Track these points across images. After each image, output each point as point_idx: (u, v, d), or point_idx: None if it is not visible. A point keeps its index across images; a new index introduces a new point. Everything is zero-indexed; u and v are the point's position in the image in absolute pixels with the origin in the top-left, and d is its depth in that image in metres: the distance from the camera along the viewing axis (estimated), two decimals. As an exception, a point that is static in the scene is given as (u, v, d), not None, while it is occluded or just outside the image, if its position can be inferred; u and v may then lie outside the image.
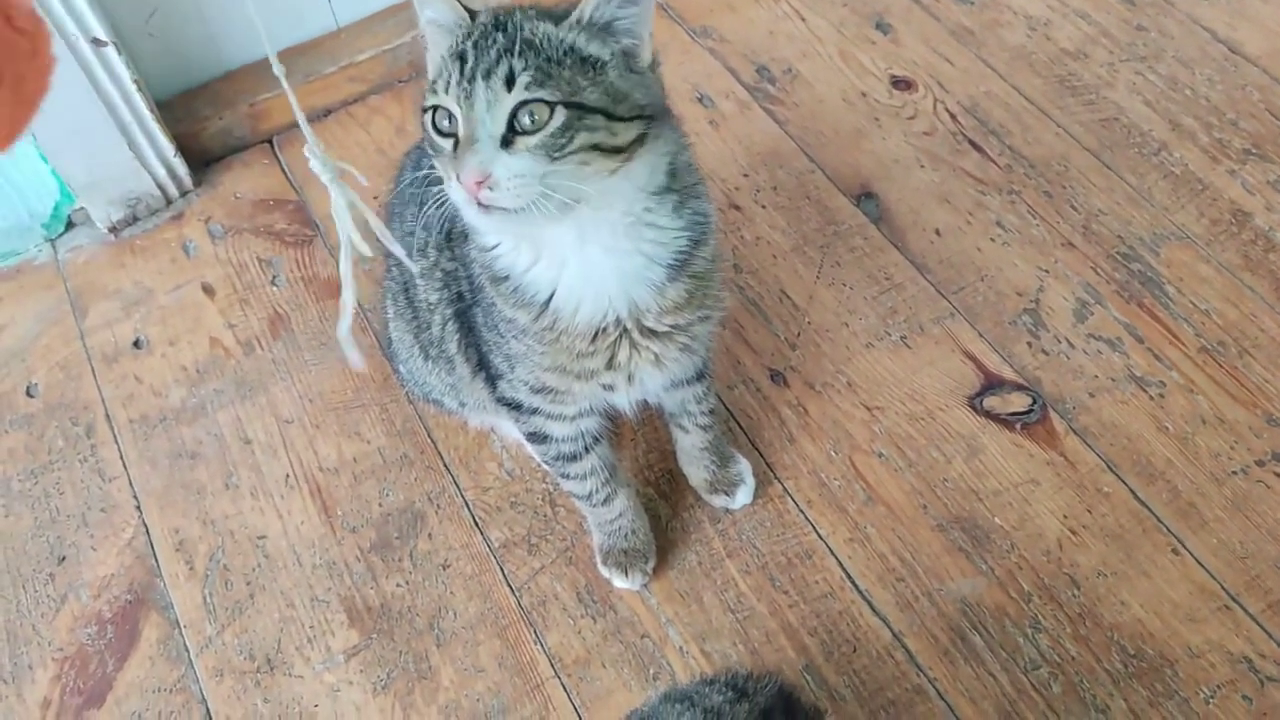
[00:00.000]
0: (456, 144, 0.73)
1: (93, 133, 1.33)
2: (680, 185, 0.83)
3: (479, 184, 0.71)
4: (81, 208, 1.42)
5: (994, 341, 1.23)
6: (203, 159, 1.48)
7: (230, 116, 1.48)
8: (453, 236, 0.93)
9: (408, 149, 1.07)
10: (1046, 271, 1.29)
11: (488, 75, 0.71)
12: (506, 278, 0.85)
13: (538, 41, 0.72)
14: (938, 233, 1.33)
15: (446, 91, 0.73)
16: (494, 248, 0.85)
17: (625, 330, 0.86)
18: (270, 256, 1.40)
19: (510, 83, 0.71)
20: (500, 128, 0.71)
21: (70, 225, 1.45)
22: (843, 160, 1.42)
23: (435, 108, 0.75)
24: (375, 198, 1.43)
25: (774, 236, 1.35)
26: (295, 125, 1.52)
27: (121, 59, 1.30)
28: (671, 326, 0.88)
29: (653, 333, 0.87)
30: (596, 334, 0.85)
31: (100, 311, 1.37)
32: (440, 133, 0.75)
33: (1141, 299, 1.25)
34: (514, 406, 0.97)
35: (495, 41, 0.72)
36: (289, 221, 1.44)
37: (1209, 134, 1.39)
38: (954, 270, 1.30)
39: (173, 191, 1.45)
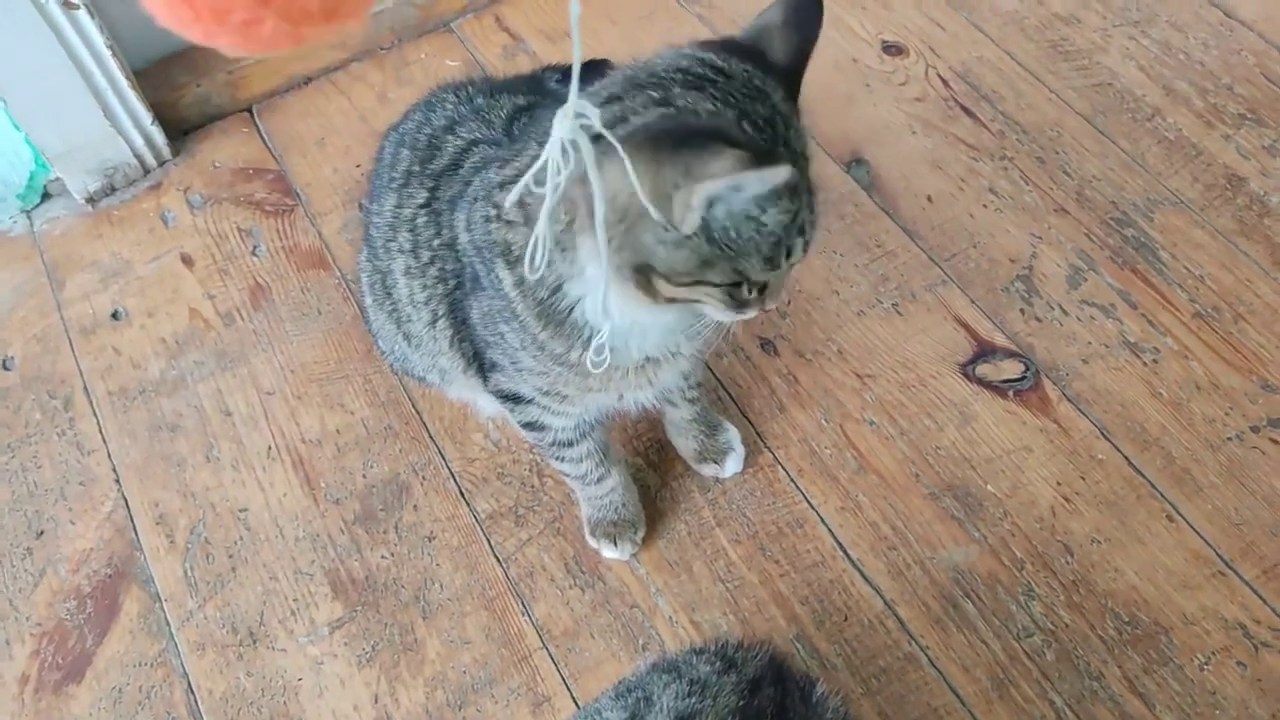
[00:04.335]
0: (753, 292, 0.73)
1: (67, 100, 1.30)
2: None
3: None
4: (57, 178, 1.39)
5: (986, 308, 1.22)
6: (180, 128, 1.45)
7: (208, 84, 1.45)
8: (456, 242, 0.86)
9: (388, 127, 1.02)
10: (1039, 238, 1.27)
11: (814, 225, 0.71)
12: (577, 324, 0.79)
13: (809, 151, 0.72)
14: (929, 199, 1.31)
15: (788, 260, 0.71)
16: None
17: (673, 355, 0.86)
18: (250, 226, 1.38)
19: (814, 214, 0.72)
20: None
21: (46, 196, 1.42)
22: (833, 126, 1.39)
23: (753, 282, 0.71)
24: (358, 166, 1.41)
25: (764, 204, 1.33)
26: (274, 93, 1.50)
27: (95, 23, 1.26)
28: (696, 349, 0.88)
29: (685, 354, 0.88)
30: (646, 363, 0.85)
31: (78, 283, 1.35)
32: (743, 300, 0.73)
33: (1135, 265, 1.24)
34: (512, 398, 0.94)
35: (809, 194, 0.70)
36: (269, 191, 1.41)
37: (1203, 99, 1.37)
38: (946, 237, 1.28)
39: (150, 161, 1.42)
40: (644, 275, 0.69)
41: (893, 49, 1.47)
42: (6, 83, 1.25)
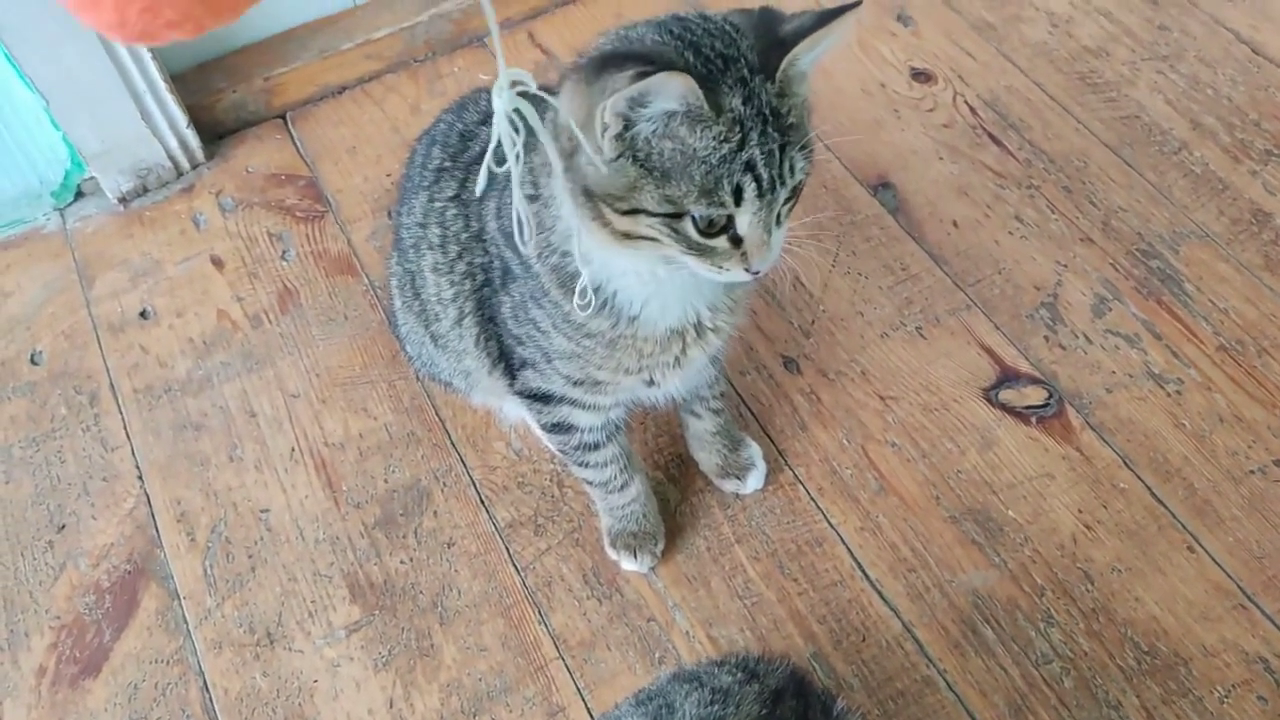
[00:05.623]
0: (732, 239, 0.71)
1: (106, 100, 1.32)
2: None
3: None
4: (91, 177, 1.41)
5: (1010, 335, 1.22)
6: (215, 132, 1.47)
7: (244, 90, 1.47)
8: (484, 233, 0.88)
9: (420, 133, 1.04)
10: (1065, 266, 1.27)
11: (781, 179, 0.69)
12: (594, 289, 0.80)
13: (795, 117, 0.69)
14: (955, 224, 1.32)
15: (739, 204, 0.69)
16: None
17: (697, 329, 0.86)
18: (281, 231, 1.39)
19: (793, 169, 0.70)
20: (784, 210, 0.73)
21: (80, 195, 1.44)
22: (860, 150, 1.40)
23: (714, 218, 0.70)
24: (389, 175, 1.43)
25: (789, 223, 1.33)
26: (308, 102, 1.52)
27: (137, 26, 1.28)
28: (728, 323, 0.89)
29: (714, 329, 0.88)
30: (671, 336, 0.85)
31: (107, 281, 1.36)
32: (707, 231, 0.70)
33: (1160, 296, 1.24)
34: (540, 398, 0.94)
35: (770, 137, 0.67)
36: (300, 197, 1.42)
37: (1230, 134, 1.38)
38: (971, 262, 1.28)
39: (184, 163, 1.43)
40: (591, 203, 0.71)
41: (922, 76, 1.48)
42: (49, 82, 1.27)
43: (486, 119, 0.93)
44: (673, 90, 0.64)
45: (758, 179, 0.68)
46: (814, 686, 0.79)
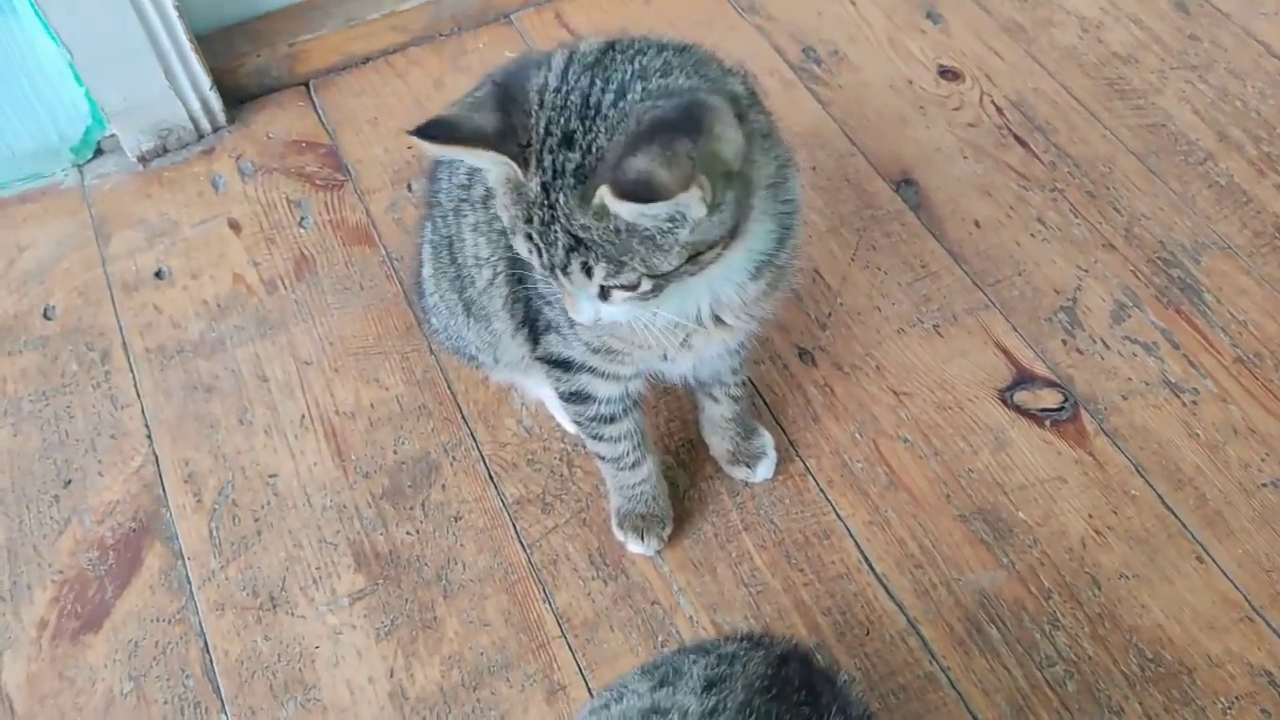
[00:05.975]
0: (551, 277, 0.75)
1: (131, 58, 1.31)
2: (772, 182, 0.78)
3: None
4: (112, 135, 1.40)
5: (1028, 336, 1.22)
6: (237, 96, 1.47)
7: (268, 55, 1.46)
8: None
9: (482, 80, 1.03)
10: (1085, 271, 1.27)
11: (565, 269, 0.71)
12: None
13: (595, 238, 0.69)
14: (977, 224, 1.31)
15: (528, 256, 0.74)
16: None
17: (699, 322, 0.85)
18: (299, 198, 1.38)
19: (589, 272, 0.71)
20: (595, 293, 0.73)
21: (99, 152, 1.43)
22: (884, 145, 1.40)
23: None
24: (409, 148, 1.42)
25: (810, 216, 1.33)
26: (332, 70, 1.51)
27: (166, -17, 1.28)
28: (747, 316, 0.87)
29: (728, 323, 0.87)
30: (675, 326, 0.84)
31: (123, 240, 1.36)
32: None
33: (1180, 305, 1.23)
34: (561, 364, 0.94)
35: (557, 238, 0.70)
36: (320, 165, 1.42)
37: (1257, 147, 1.37)
38: (991, 263, 1.28)
39: (205, 126, 1.43)
40: None
41: (949, 74, 1.47)
42: (75, 36, 1.27)
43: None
44: (426, 147, 0.72)
45: (534, 247, 0.72)
46: (817, 660, 0.79)
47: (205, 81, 1.39)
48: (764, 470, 1.11)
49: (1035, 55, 1.49)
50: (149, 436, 1.19)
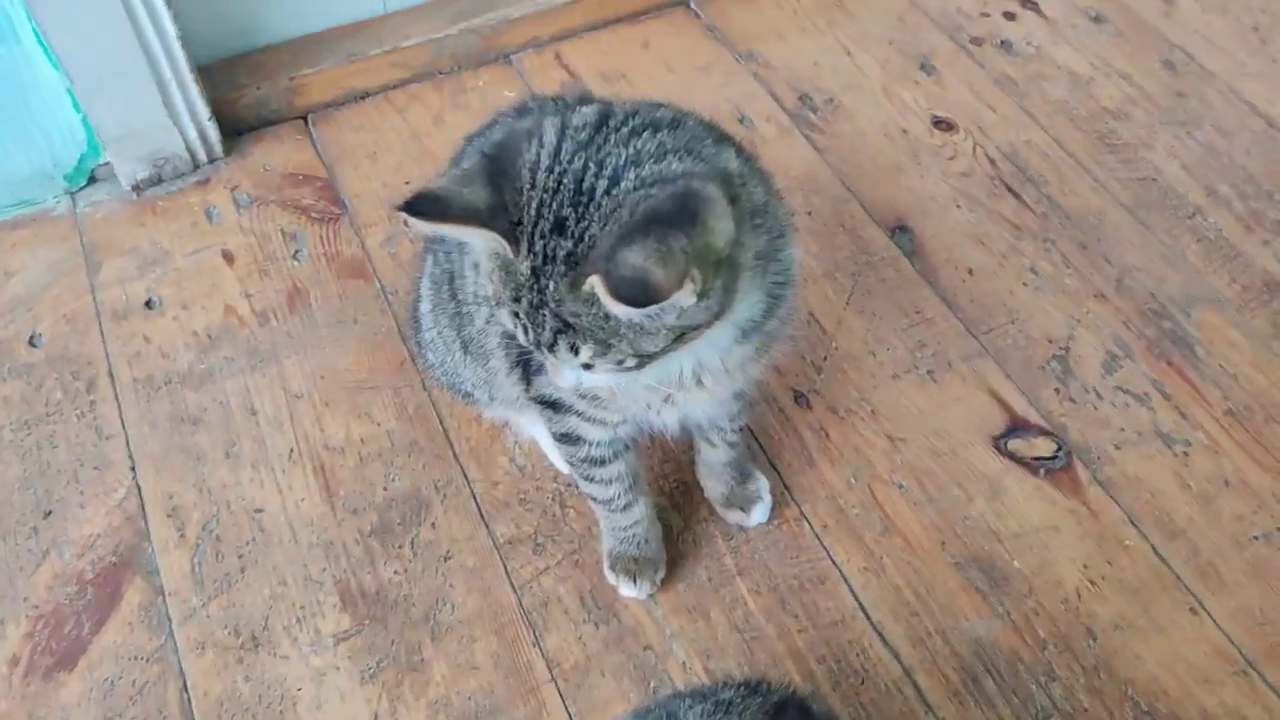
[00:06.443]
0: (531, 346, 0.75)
1: (130, 85, 1.31)
2: (762, 256, 0.77)
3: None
4: (106, 162, 1.40)
5: (1022, 385, 1.22)
6: (235, 128, 1.46)
7: (268, 88, 1.46)
8: None
9: (468, 133, 1.04)
10: (1078, 321, 1.28)
11: (552, 348, 0.71)
12: None
13: (584, 324, 0.69)
14: (970, 272, 1.33)
15: (513, 330, 0.74)
16: None
17: (684, 385, 0.84)
18: (294, 230, 1.38)
19: (576, 351, 0.71)
20: (577, 365, 0.73)
21: (92, 179, 1.42)
22: (879, 192, 1.41)
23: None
24: (407, 183, 1.42)
25: (806, 260, 1.33)
26: (331, 105, 1.51)
27: (169, 12, 1.28)
28: (729, 380, 0.86)
29: (707, 386, 0.85)
30: (650, 388, 0.83)
31: (114, 268, 1.34)
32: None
33: (1171, 357, 1.24)
34: (551, 405, 0.93)
35: (544, 321, 0.70)
36: (317, 198, 1.41)
37: (1244, 203, 1.39)
38: (985, 310, 1.29)
39: (201, 156, 1.42)
40: None
41: (943, 124, 1.49)
42: (76, 61, 1.26)
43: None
44: (412, 224, 0.70)
45: (522, 325, 0.72)
46: (814, 707, 0.77)
47: (204, 112, 1.39)
48: (759, 515, 1.10)
49: (1027, 108, 1.51)
50: (133, 468, 1.16)
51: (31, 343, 1.27)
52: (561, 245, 0.68)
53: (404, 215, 0.69)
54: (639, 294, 0.64)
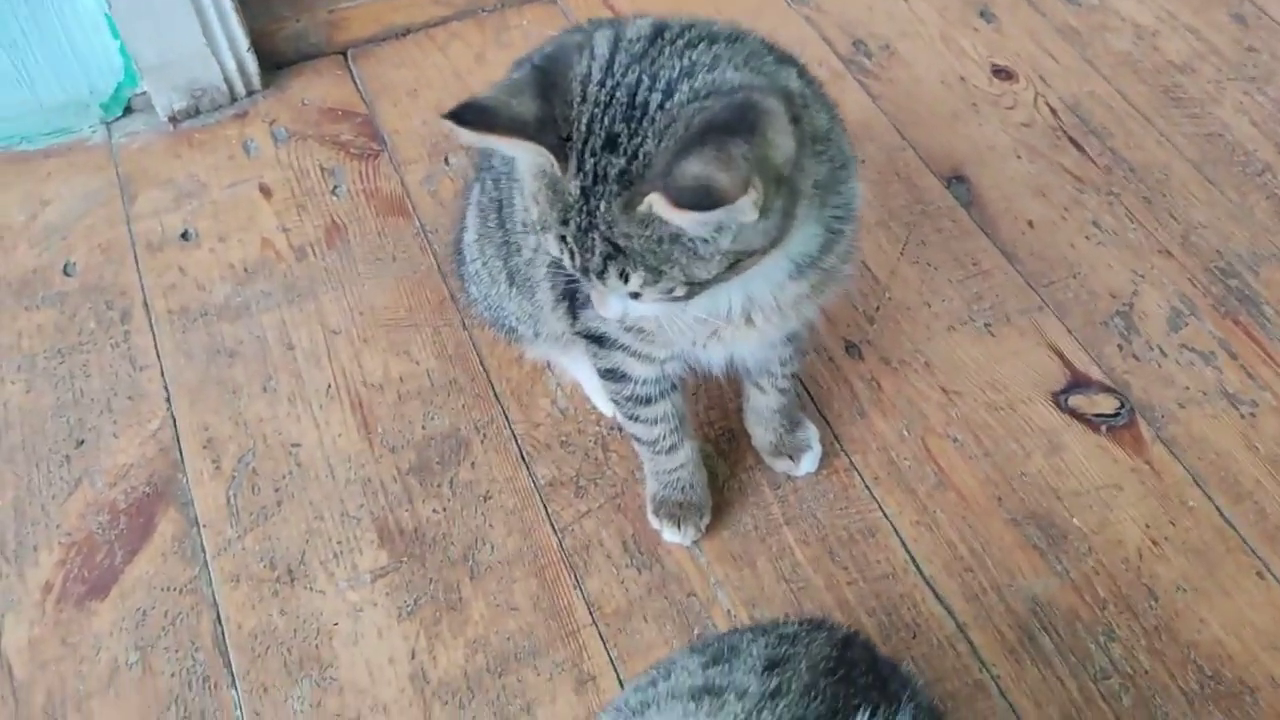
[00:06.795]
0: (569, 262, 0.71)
1: (170, 13, 1.28)
2: (822, 186, 0.73)
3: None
4: (143, 93, 1.37)
5: (1083, 340, 1.18)
6: (274, 61, 1.43)
7: (308, 21, 1.43)
8: None
9: (515, 59, 1.00)
10: (1142, 276, 1.23)
11: (601, 275, 0.68)
12: None
13: (636, 247, 0.65)
14: (1030, 224, 1.28)
15: (558, 250, 0.70)
16: None
17: (731, 320, 0.81)
18: (333, 166, 1.35)
19: (625, 278, 0.67)
20: (625, 294, 0.70)
21: (129, 110, 1.39)
22: (936, 141, 1.36)
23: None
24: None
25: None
26: (371, 40, 1.48)
27: (210, -63, 1.25)
28: (781, 319, 0.82)
29: (757, 325, 0.82)
30: (701, 321, 0.79)
31: (150, 199, 1.31)
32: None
33: (1237, 315, 1.20)
34: (597, 340, 0.90)
35: (594, 245, 0.66)
36: (356, 134, 1.38)
37: (1317, 161, 1.34)
38: (1045, 264, 1.24)
39: (239, 89, 1.39)
40: None
41: (1003, 73, 1.44)
42: (114, -15, 1.23)
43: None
44: (461, 134, 0.66)
45: (568, 247, 0.68)
46: (876, 648, 0.74)
47: (243, 43, 1.36)
48: (808, 464, 1.07)
49: (1090, 59, 1.46)
50: (168, 399, 1.14)
51: (66, 271, 1.25)
52: (613, 163, 0.64)
53: (449, 123, 0.65)
54: (703, 199, 0.60)
